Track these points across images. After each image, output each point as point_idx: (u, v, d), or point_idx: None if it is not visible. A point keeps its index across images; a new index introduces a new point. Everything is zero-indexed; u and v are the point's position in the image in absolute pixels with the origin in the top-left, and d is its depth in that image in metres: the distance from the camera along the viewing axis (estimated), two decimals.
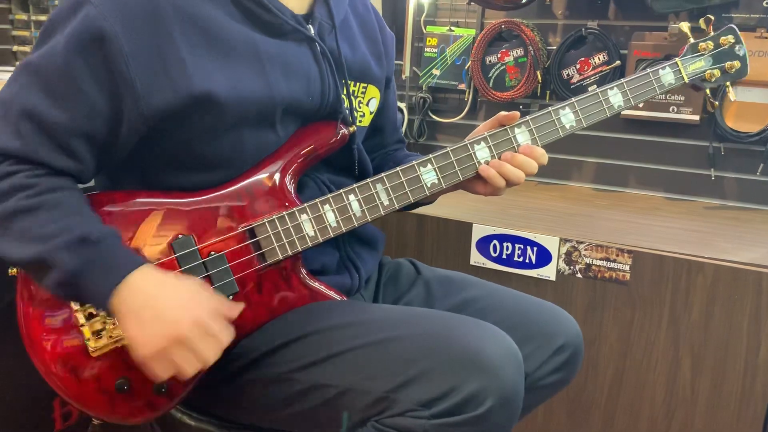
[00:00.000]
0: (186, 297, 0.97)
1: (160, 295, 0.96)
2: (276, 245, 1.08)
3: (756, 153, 2.03)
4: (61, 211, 0.98)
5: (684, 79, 1.26)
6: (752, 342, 1.57)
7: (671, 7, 1.95)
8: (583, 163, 2.30)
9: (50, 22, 1.01)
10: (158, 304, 0.95)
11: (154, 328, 0.94)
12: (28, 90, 0.99)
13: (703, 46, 1.28)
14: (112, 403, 1.05)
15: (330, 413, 1.04)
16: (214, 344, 0.97)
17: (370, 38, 1.29)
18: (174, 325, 0.94)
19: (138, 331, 0.95)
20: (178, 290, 0.98)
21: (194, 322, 0.95)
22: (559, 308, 1.29)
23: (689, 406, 1.66)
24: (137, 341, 0.96)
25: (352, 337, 1.04)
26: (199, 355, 0.96)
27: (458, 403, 0.95)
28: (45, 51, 0.99)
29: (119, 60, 0.97)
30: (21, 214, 0.96)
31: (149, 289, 0.96)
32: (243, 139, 1.08)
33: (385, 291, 1.34)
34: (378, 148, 1.42)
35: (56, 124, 0.98)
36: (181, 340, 0.94)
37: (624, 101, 1.21)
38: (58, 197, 0.99)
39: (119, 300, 0.95)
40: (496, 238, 1.80)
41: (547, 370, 1.21)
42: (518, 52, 2.25)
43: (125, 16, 0.98)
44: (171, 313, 0.95)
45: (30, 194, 0.97)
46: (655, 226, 1.85)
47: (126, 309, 0.95)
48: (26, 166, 0.99)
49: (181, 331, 0.94)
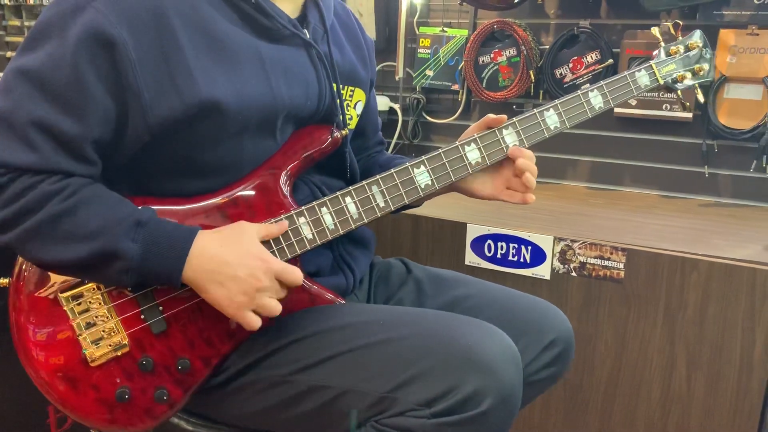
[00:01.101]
0: (248, 250, 1.01)
1: (227, 256, 1.00)
2: (275, 249, 1.08)
3: (749, 150, 2.03)
4: (100, 205, 0.98)
5: (659, 80, 1.32)
6: (747, 338, 1.58)
7: (663, 5, 1.95)
8: (578, 162, 2.31)
9: (44, 25, 0.97)
10: (230, 265, 0.99)
11: (235, 288, 0.99)
12: (32, 100, 0.95)
13: (674, 50, 1.34)
14: (112, 413, 1.05)
15: (330, 415, 1.04)
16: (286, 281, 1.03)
17: (354, 42, 1.31)
18: (251, 279, 0.99)
19: (222, 293, 1.00)
20: (240, 245, 1.01)
21: (266, 272, 1.00)
22: (550, 304, 1.30)
23: (685, 402, 1.67)
24: (224, 303, 1.00)
25: (350, 339, 1.05)
26: (278, 294, 1.03)
27: (458, 402, 0.96)
28: (45, 57, 0.95)
29: (127, 67, 0.96)
30: (61, 217, 0.96)
31: (215, 252, 1.00)
32: (243, 146, 1.08)
33: (376, 290, 1.35)
34: (361, 151, 1.43)
35: (70, 134, 0.96)
36: (261, 288, 1.00)
37: (604, 102, 1.27)
38: (88, 194, 0.99)
39: (192, 271, 0.99)
40: (490, 238, 1.81)
41: (539, 365, 1.22)
42: (511, 52, 2.25)
43: (131, 23, 0.96)
44: (244, 269, 0.99)
45: (62, 198, 0.96)
46: (650, 223, 1.86)
47: (202, 277, 1.00)
48: (45, 176, 0.97)
49: (259, 282, 1.00)
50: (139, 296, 1.04)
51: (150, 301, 1.05)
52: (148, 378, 1.06)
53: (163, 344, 1.06)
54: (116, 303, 1.04)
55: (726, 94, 2.01)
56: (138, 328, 1.05)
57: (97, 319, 1.03)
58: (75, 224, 0.96)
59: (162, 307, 1.05)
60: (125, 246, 0.96)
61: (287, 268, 1.02)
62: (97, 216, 0.97)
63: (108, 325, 1.03)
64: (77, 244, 0.96)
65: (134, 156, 1.05)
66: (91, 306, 1.03)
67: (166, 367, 1.06)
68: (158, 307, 1.05)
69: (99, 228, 0.96)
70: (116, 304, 1.04)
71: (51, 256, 0.97)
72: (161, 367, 1.06)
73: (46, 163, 0.96)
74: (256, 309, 1.01)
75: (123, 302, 1.04)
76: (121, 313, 1.04)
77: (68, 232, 0.96)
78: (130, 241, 0.97)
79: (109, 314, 1.04)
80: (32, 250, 0.97)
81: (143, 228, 0.98)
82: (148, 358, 1.05)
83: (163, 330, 1.05)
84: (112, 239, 0.96)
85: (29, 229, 0.96)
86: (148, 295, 1.05)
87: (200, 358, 1.07)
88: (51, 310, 1.03)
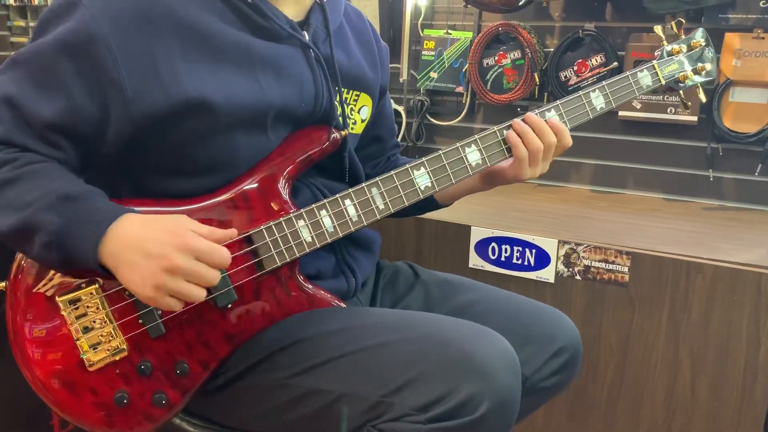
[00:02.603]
0: (170, 229, 0.95)
1: (145, 235, 0.94)
2: (274, 252, 1.08)
3: (754, 153, 2.02)
4: (43, 179, 0.97)
5: (661, 81, 1.30)
6: (752, 342, 1.57)
7: (668, 8, 1.94)
8: (582, 165, 2.30)
9: (42, 21, 1.01)
10: (144, 244, 0.93)
11: (146, 267, 0.93)
12: (11, 80, 0.99)
13: (676, 49, 1.33)
14: (110, 418, 1.05)
15: (327, 419, 1.04)
16: (210, 262, 0.95)
17: (365, 46, 1.30)
18: (162, 258, 0.92)
19: (132, 274, 0.94)
20: (161, 225, 0.95)
21: (181, 249, 0.93)
22: (558, 311, 1.29)
23: (689, 406, 1.66)
24: (135, 284, 0.94)
25: (346, 342, 1.04)
26: (198, 277, 0.94)
27: (454, 407, 0.95)
28: (33, 46, 1.00)
29: (109, 64, 0.97)
30: (4, 186, 0.96)
31: (133, 232, 0.94)
32: (236, 144, 1.07)
33: (383, 295, 1.34)
34: (378, 155, 1.43)
35: (35, 115, 0.98)
36: (174, 269, 0.92)
37: (605, 103, 1.26)
38: (39, 167, 0.98)
39: (107, 252, 0.94)
40: (494, 241, 1.80)
41: (545, 373, 1.21)
42: (515, 55, 2.25)
43: (117, 19, 0.97)
44: (157, 247, 0.93)
45: (12, 167, 0.97)
46: (654, 227, 1.85)
47: (116, 260, 0.94)
48: (2, 146, 0.99)
49: (171, 261, 0.92)
50: (137, 300, 1.04)
51: (148, 306, 1.05)
52: (147, 382, 1.05)
53: (161, 348, 1.06)
54: (114, 307, 1.04)
55: (731, 97, 2.00)
56: (136, 333, 1.04)
57: (95, 324, 1.03)
58: (15, 195, 0.95)
59: (160, 311, 1.05)
60: (45, 218, 0.93)
61: (211, 247, 0.95)
62: (35, 188, 0.95)
63: (106, 330, 1.03)
64: (9, 214, 0.95)
65: (127, 155, 1.06)
66: (88, 310, 1.03)
67: (165, 371, 1.06)
68: (156, 311, 1.05)
69: (32, 200, 0.94)
70: (114, 308, 1.04)
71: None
72: (159, 371, 1.06)
73: (7, 134, 0.98)
74: (173, 294, 0.94)
75: (121, 306, 1.04)
76: (119, 318, 1.04)
77: (7, 201, 0.96)
78: (54, 215, 0.93)
79: (107, 318, 1.03)
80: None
81: (69, 202, 0.95)
82: (146, 362, 1.05)
83: (161, 334, 1.05)
84: (34, 210, 0.94)
85: None
86: None
87: (198, 361, 1.07)
88: (48, 314, 1.03)
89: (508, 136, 1.19)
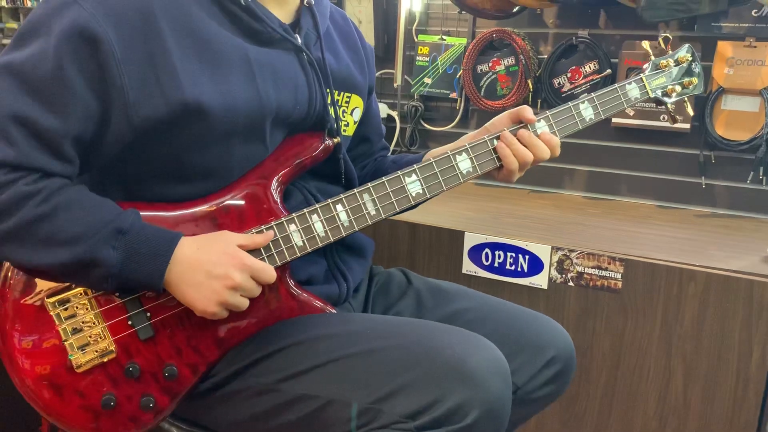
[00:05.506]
0: (224, 250, 1.02)
1: (204, 258, 1.01)
2: (264, 256, 1.08)
3: (746, 161, 2.03)
4: (79, 209, 0.98)
5: (649, 93, 1.32)
6: (744, 350, 1.57)
7: (661, 17, 1.95)
8: (575, 172, 2.30)
9: (31, 24, 0.97)
10: (205, 266, 1.01)
11: (210, 286, 1.01)
12: (12, 94, 0.94)
13: (664, 63, 1.34)
14: (97, 421, 1.04)
15: (316, 425, 1.03)
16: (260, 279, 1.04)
17: (351, 49, 1.30)
18: (226, 278, 1.01)
19: (197, 293, 1.01)
20: (216, 247, 1.03)
21: (239, 268, 1.02)
22: (551, 320, 1.28)
23: (682, 414, 1.65)
24: (198, 303, 1.01)
25: (336, 348, 1.04)
26: (251, 292, 1.04)
27: (443, 415, 0.94)
28: (30, 53, 0.95)
29: (111, 66, 0.96)
30: (40, 221, 0.95)
31: (193, 256, 1.01)
32: (231, 150, 1.07)
33: (375, 301, 1.33)
34: (367, 156, 1.43)
35: (50, 130, 0.95)
36: (236, 287, 1.02)
37: (594, 114, 1.26)
38: (69, 197, 0.98)
39: (171, 276, 1.01)
40: (488, 247, 1.80)
41: (538, 383, 1.21)
42: (509, 61, 2.25)
43: (117, 21, 0.96)
44: (218, 269, 1.01)
45: (39, 200, 0.95)
46: (647, 234, 1.85)
47: (179, 281, 1.01)
48: (22, 173, 0.95)
49: (234, 280, 1.01)
50: (126, 302, 1.04)
51: (137, 307, 1.04)
52: (135, 385, 1.05)
53: (150, 351, 1.05)
54: (103, 309, 1.03)
55: (723, 105, 2.01)
56: (125, 334, 1.04)
57: (84, 325, 1.02)
58: (55, 229, 0.95)
59: (149, 313, 1.05)
60: (106, 254, 0.96)
61: (263, 267, 1.04)
62: (78, 221, 0.96)
63: (94, 331, 1.02)
64: (58, 249, 0.95)
65: (122, 159, 1.05)
66: (77, 311, 1.02)
67: (153, 374, 1.05)
68: (146, 314, 1.04)
69: (79, 234, 0.95)
70: (103, 309, 1.03)
71: (30, 259, 0.96)
72: (148, 374, 1.05)
73: (24, 158, 0.95)
74: (227, 306, 1.03)
75: (110, 308, 1.04)
76: (108, 319, 1.03)
77: (48, 236, 0.95)
78: (111, 249, 0.97)
79: (95, 320, 1.03)
80: (10, 253, 0.97)
81: (124, 236, 0.97)
82: (134, 364, 1.04)
83: (151, 336, 1.05)
84: (92, 246, 0.96)
85: (5, 231, 0.95)
86: (136, 300, 1.05)
87: (187, 365, 1.07)
88: (37, 314, 1.02)
89: (498, 147, 1.19)
